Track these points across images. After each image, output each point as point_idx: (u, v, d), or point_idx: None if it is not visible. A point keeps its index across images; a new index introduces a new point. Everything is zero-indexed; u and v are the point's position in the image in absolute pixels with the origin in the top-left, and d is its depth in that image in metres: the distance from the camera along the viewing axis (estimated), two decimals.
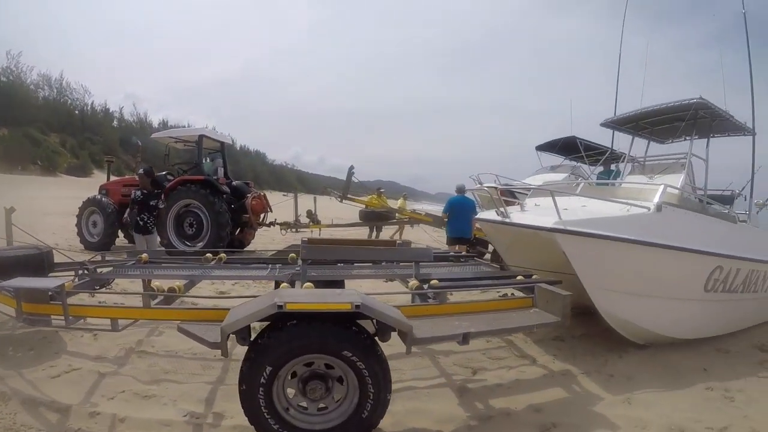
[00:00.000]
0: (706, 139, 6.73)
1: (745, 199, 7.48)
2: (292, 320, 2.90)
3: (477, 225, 9.40)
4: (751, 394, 4.78)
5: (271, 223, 11.83)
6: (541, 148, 14.53)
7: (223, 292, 7.12)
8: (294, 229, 11.91)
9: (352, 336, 3.03)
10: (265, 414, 2.93)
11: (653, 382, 4.85)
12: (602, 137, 13.13)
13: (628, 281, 5.05)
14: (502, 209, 5.46)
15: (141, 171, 7.98)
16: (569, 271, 5.06)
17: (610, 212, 5.17)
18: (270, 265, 5.33)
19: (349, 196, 12.76)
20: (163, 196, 8.12)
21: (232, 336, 2.94)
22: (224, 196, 10.78)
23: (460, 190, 9.49)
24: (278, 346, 2.92)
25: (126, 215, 8.75)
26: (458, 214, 9.16)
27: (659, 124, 7.16)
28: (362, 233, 15.46)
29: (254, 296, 4.04)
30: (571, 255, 4.78)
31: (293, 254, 5.40)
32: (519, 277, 4.98)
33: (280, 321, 2.91)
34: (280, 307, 2.76)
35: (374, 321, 3.14)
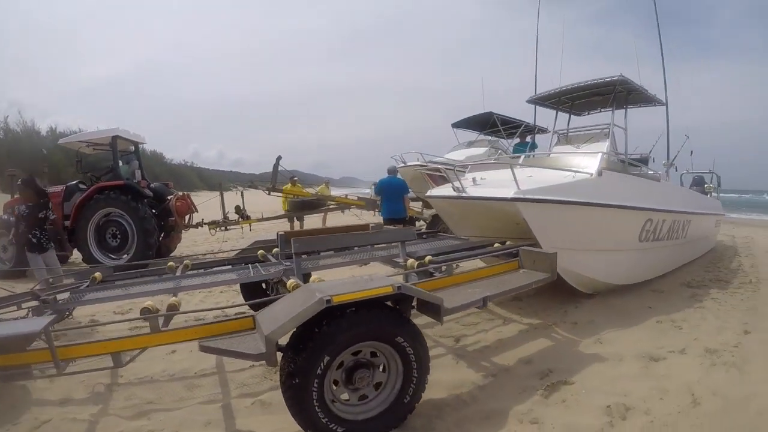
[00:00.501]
0: (623, 111, 7.47)
1: (653, 161, 8.49)
2: (351, 308, 2.85)
3: (411, 204, 9.73)
4: (693, 322, 5.53)
5: (198, 224, 11.19)
6: (457, 125, 15.09)
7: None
8: (223, 228, 11.34)
9: (403, 321, 3.11)
10: (316, 407, 2.77)
11: (611, 323, 5.41)
12: (513, 111, 13.97)
13: (578, 239, 5.59)
14: (458, 184, 5.78)
15: (20, 182, 6.92)
16: (517, 236, 5.56)
17: (558, 180, 5.67)
18: (250, 265, 4.94)
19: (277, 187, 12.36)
20: (50, 205, 7.13)
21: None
22: (146, 200, 9.97)
23: (391, 171, 9.64)
24: (338, 334, 2.80)
25: (11, 236, 7.69)
26: (390, 194, 9.24)
27: (579, 98, 7.88)
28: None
29: (267, 299, 3.63)
30: (530, 220, 5.20)
31: (262, 250, 5.20)
32: (497, 245, 5.34)
33: (338, 310, 2.79)
34: (329, 301, 2.64)
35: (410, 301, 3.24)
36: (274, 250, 5.21)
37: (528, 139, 13.56)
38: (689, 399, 3.63)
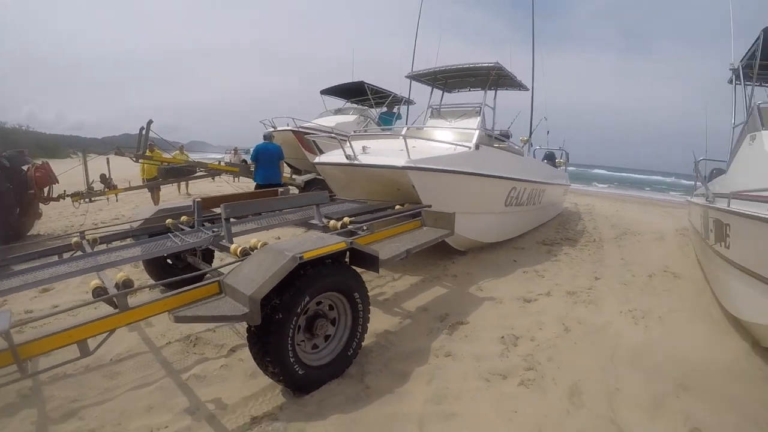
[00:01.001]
0: (493, 91, 8.23)
1: (512, 137, 9.55)
2: (315, 266, 3.08)
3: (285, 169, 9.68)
4: (552, 271, 6.50)
5: (60, 196, 9.96)
6: (326, 91, 15.12)
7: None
8: (88, 200, 10.24)
9: (358, 276, 3.45)
10: (289, 347, 2.95)
11: (486, 274, 6.15)
12: (374, 81, 14.40)
13: (458, 203, 6.14)
14: (350, 152, 6.05)
15: None
16: (399, 200, 6.08)
17: (442, 152, 6.19)
18: (171, 234, 4.49)
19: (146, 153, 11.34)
20: None
21: None
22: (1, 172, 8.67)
23: (267, 137, 9.54)
24: (319, 279, 3.09)
25: None
26: (266, 161, 9.20)
27: (453, 78, 8.51)
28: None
29: (233, 262, 3.49)
30: (419, 186, 5.66)
31: (170, 219, 4.80)
32: (398, 207, 5.75)
33: (302, 269, 2.99)
34: (301, 258, 2.86)
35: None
36: (183, 218, 4.87)
37: (395, 109, 14.13)
38: (562, 327, 4.40)
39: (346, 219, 4.57)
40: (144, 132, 10.53)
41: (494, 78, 7.90)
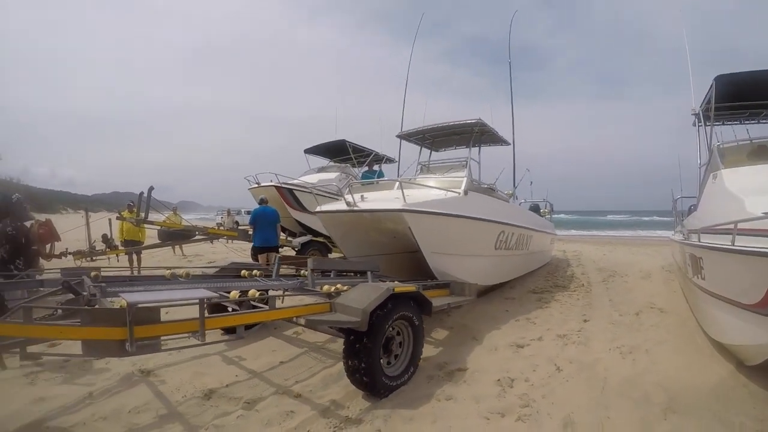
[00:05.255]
0: (477, 148, 8.92)
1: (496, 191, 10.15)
2: (398, 298, 4.33)
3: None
4: (543, 317, 6.89)
5: (62, 254, 10.08)
6: (310, 151, 15.61)
7: None
8: (89, 258, 10.36)
9: (419, 312, 4.72)
10: (380, 353, 4.14)
11: (480, 324, 6.51)
12: (358, 140, 15.02)
13: (450, 245, 6.63)
14: (350, 199, 6.56)
15: None
16: (396, 251, 6.74)
17: (435, 196, 6.71)
18: (255, 279, 5.69)
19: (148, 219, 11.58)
20: None
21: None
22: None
23: (263, 201, 10.03)
24: (399, 307, 4.34)
25: None
26: (263, 224, 9.60)
27: (440, 136, 9.18)
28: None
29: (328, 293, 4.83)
30: (414, 228, 6.13)
31: (244, 270, 6.00)
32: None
33: (391, 298, 4.22)
34: (393, 290, 4.25)
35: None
36: (255, 271, 6.01)
37: (375, 167, 14.67)
38: (554, 367, 4.75)
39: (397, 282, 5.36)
40: (146, 197, 10.86)
41: (477, 134, 8.57)
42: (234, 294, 4.11)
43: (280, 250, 10.32)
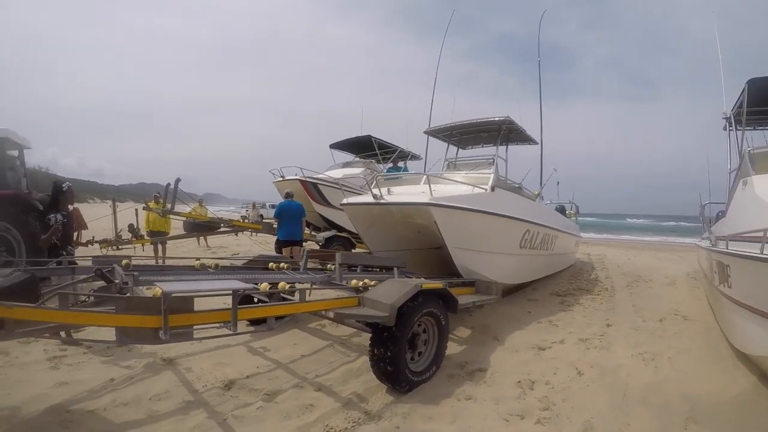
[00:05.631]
0: (505, 147, 8.94)
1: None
2: (426, 294, 4.48)
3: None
4: (566, 320, 6.88)
5: (89, 242, 10.29)
6: (336, 146, 15.74)
7: None
8: (115, 247, 10.58)
9: (445, 309, 4.82)
10: (406, 348, 4.27)
11: (502, 325, 6.52)
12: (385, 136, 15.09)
13: (476, 241, 6.68)
14: (377, 192, 6.66)
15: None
16: (421, 247, 6.81)
17: (461, 191, 6.79)
18: (283, 272, 5.81)
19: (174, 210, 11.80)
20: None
21: None
22: (35, 213, 8.74)
23: (289, 195, 10.17)
24: (426, 303, 4.49)
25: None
26: (288, 218, 9.70)
27: (467, 134, 9.20)
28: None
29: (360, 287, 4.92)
30: (440, 222, 6.20)
31: (272, 263, 6.06)
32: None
33: (419, 294, 4.36)
34: (420, 287, 4.36)
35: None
36: (282, 264, 6.08)
37: (400, 164, 14.72)
38: (575, 371, 4.77)
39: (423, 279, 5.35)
40: (173, 188, 11.05)
41: (505, 132, 8.59)
42: (264, 286, 4.22)
43: (304, 244, 10.44)
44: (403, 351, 4.20)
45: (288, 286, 4.64)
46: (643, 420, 3.76)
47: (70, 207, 6.53)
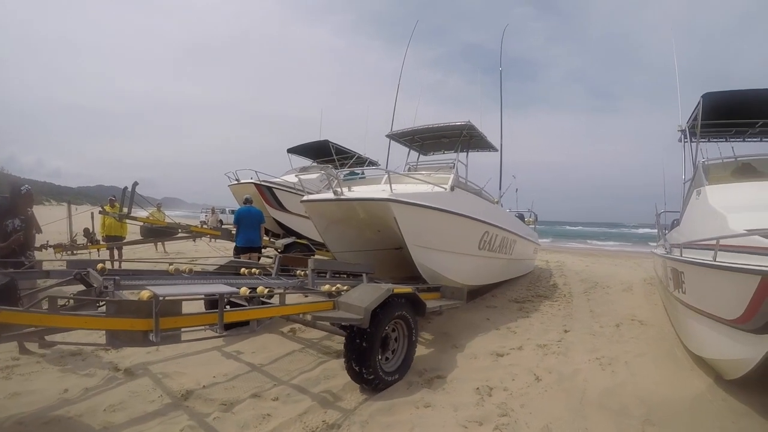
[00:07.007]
0: (465, 153, 9.00)
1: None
2: (397, 298, 4.69)
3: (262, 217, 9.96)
4: (524, 327, 6.92)
5: (42, 246, 9.85)
6: (293, 150, 15.53)
7: None
8: (70, 252, 10.13)
9: (414, 312, 5.01)
10: (379, 350, 4.43)
11: (460, 333, 6.51)
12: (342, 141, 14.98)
13: (435, 240, 6.68)
14: (338, 189, 6.61)
15: None
16: (380, 248, 6.78)
17: (421, 190, 6.80)
18: (256, 277, 5.90)
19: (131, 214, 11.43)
20: None
21: None
22: None
23: (248, 201, 10.00)
24: (397, 306, 4.69)
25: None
26: (247, 224, 9.53)
27: (429, 139, 9.24)
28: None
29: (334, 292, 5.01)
30: (400, 219, 6.17)
31: (244, 269, 6.16)
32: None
33: (391, 298, 4.56)
34: (392, 291, 4.59)
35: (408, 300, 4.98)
36: (253, 269, 6.18)
37: (357, 171, 14.67)
38: (533, 377, 4.77)
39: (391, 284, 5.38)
40: (129, 193, 10.69)
41: (466, 138, 8.65)
42: (244, 290, 4.23)
43: (262, 251, 10.26)
44: (376, 353, 4.35)
45: (267, 290, 4.68)
46: (601, 424, 3.76)
47: (29, 210, 6.23)
